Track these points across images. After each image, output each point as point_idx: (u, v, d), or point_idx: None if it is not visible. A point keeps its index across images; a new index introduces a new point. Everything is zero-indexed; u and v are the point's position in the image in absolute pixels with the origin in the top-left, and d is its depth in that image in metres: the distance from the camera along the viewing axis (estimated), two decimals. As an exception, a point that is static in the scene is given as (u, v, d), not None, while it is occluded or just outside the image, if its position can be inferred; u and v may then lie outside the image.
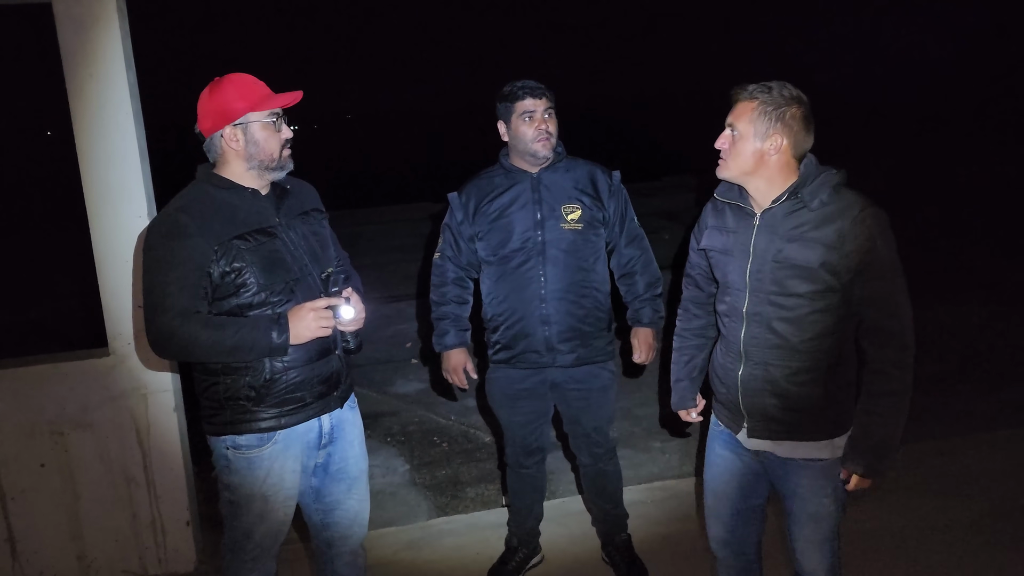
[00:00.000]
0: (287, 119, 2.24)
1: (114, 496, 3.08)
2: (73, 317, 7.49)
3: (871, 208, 1.97)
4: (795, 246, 1.99)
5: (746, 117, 2.00)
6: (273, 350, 2.11)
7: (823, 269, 1.97)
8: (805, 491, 2.12)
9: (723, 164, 2.06)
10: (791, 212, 2.01)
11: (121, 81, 2.87)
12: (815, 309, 2.01)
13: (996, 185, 12.14)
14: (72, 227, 4.43)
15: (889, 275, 1.96)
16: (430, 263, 2.94)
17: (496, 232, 2.75)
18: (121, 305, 2.99)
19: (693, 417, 2.44)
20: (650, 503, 3.56)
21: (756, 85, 2.02)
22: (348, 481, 2.39)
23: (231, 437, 2.21)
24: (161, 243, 2.10)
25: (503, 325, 2.82)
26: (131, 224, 2.94)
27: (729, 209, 2.16)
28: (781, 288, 2.02)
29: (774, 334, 2.05)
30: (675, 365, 2.44)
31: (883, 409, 1.99)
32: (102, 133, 2.89)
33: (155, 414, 3.07)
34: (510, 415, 2.92)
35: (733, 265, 2.12)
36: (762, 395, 2.10)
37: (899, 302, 1.97)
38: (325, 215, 2.41)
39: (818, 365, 2.04)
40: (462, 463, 4.41)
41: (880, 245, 1.95)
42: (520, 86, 2.69)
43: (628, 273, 2.87)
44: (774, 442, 2.13)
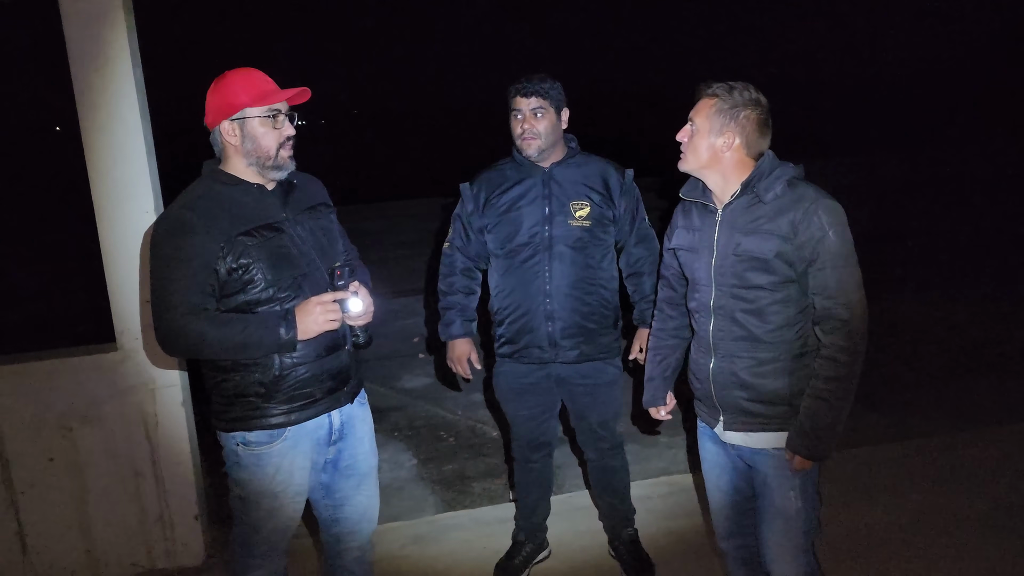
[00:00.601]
0: (296, 117, 2.22)
1: (122, 490, 3.09)
2: (80, 312, 7.52)
3: (824, 200, 2.02)
4: (752, 239, 2.05)
5: (704, 113, 2.07)
6: (281, 346, 2.11)
7: (779, 259, 2.02)
8: (772, 480, 2.15)
9: (683, 157, 2.13)
10: (748, 207, 2.07)
11: (128, 77, 2.88)
12: (775, 300, 2.06)
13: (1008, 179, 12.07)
14: (80, 222, 4.43)
15: (839, 264, 2.00)
16: (437, 258, 2.94)
17: (505, 225, 2.75)
18: (128, 301, 2.99)
19: (662, 415, 2.48)
20: (657, 498, 3.56)
21: (719, 83, 2.08)
22: (358, 477, 2.39)
23: (241, 433, 2.21)
24: (167, 241, 2.09)
25: (508, 319, 2.82)
26: (138, 220, 2.95)
27: (695, 208, 2.23)
28: (742, 281, 2.08)
29: (738, 326, 2.11)
30: (649, 364, 2.48)
31: (828, 394, 2.02)
32: (109, 129, 2.89)
33: (163, 409, 3.08)
34: (516, 409, 2.92)
35: (699, 262, 2.18)
36: (731, 387, 2.15)
37: (848, 291, 2.00)
38: (333, 209, 2.41)
39: (782, 356, 2.09)
40: (469, 458, 4.42)
41: (831, 235, 1.99)
42: (515, 83, 2.69)
43: (636, 273, 2.86)
44: (747, 434, 2.17)
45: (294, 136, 2.20)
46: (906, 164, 13.78)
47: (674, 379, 2.44)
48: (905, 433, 4.25)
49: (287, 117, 2.18)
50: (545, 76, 2.67)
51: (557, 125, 2.69)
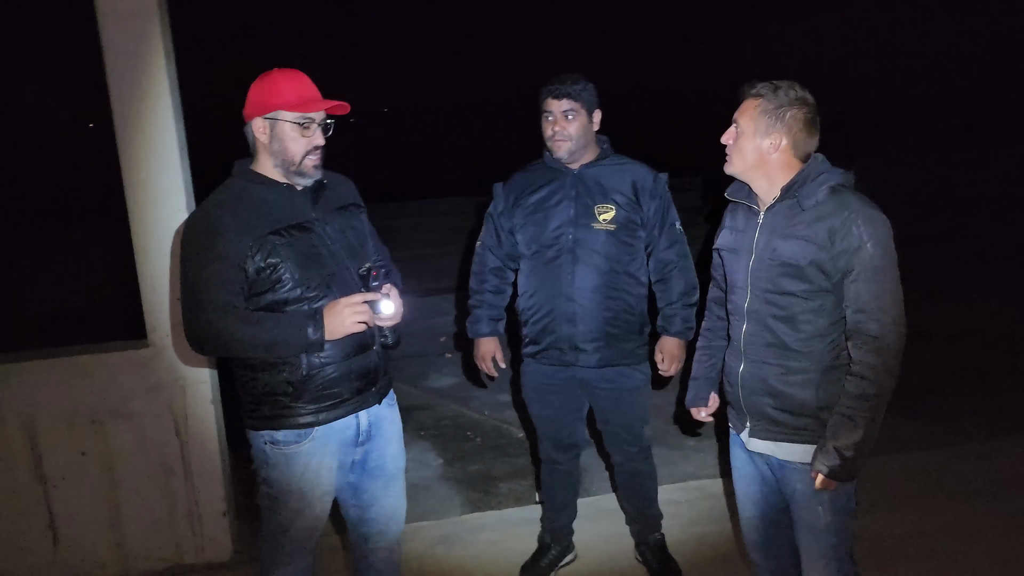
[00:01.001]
0: (331, 127, 2.21)
1: (152, 485, 3.12)
2: (110, 307, 7.63)
3: (866, 210, 1.95)
4: (787, 243, 2.00)
5: (748, 114, 2.02)
6: (309, 346, 2.11)
7: (813, 267, 1.97)
8: (800, 496, 2.10)
9: (728, 160, 2.09)
10: (790, 211, 2.03)
11: (161, 75, 2.90)
12: (808, 309, 2.01)
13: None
14: (112, 219, 4.47)
15: (875, 277, 1.93)
16: (466, 257, 2.94)
17: (531, 226, 2.74)
18: (160, 298, 3.02)
19: (703, 416, 2.44)
20: (684, 503, 3.52)
21: (764, 83, 2.03)
22: (385, 478, 2.39)
23: (269, 432, 2.22)
24: (197, 239, 2.11)
25: (531, 319, 2.81)
26: (170, 218, 2.97)
27: (740, 209, 2.19)
28: (775, 286, 2.04)
29: (769, 332, 2.07)
30: (695, 363, 2.45)
31: (854, 412, 1.96)
32: (142, 127, 2.92)
33: (193, 405, 3.10)
34: (539, 409, 2.91)
35: (738, 264, 2.15)
36: (759, 394, 2.10)
37: (883, 306, 1.94)
38: (363, 209, 2.40)
39: (812, 366, 2.03)
40: (495, 458, 4.41)
41: (869, 246, 1.92)
42: (547, 85, 2.67)
43: (663, 278, 2.82)
44: (774, 443, 2.12)
45: (323, 146, 2.19)
46: (940, 167, 13.54)
47: (718, 380, 2.40)
48: (936, 441, 4.17)
49: (321, 127, 2.18)
50: (578, 77, 2.65)
51: (588, 127, 2.67)
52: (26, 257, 10.51)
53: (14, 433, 2.98)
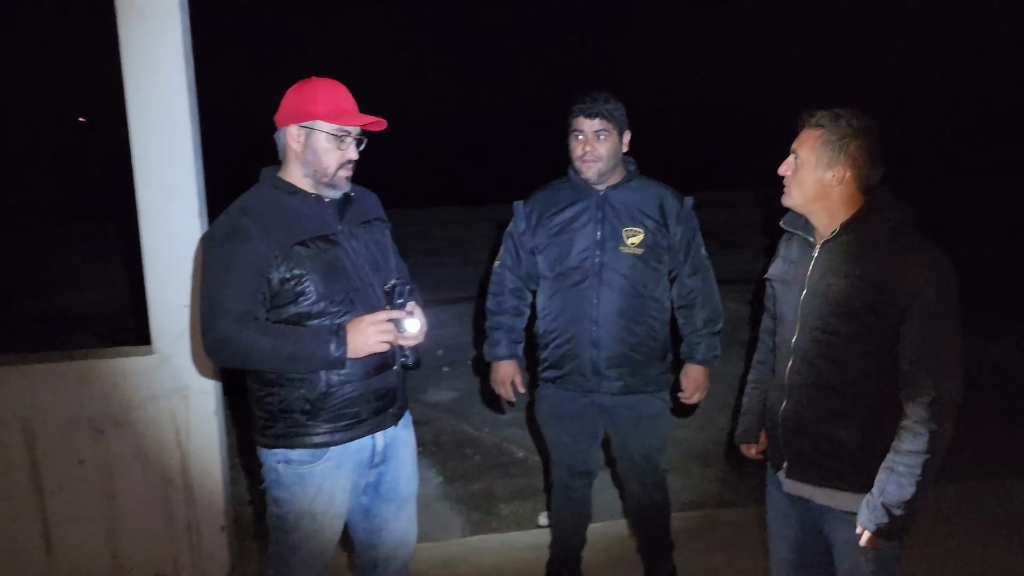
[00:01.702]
0: (364, 141, 2.17)
1: (151, 497, 3.03)
2: (106, 307, 7.51)
3: (929, 253, 1.85)
4: (843, 282, 1.91)
5: (808, 145, 1.94)
6: (331, 363, 2.04)
7: (866, 309, 1.87)
8: (842, 545, 2.01)
9: (786, 192, 2.01)
10: (847, 247, 1.93)
11: (180, 76, 2.83)
12: (857, 351, 1.92)
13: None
14: (111, 218, 4.36)
15: (933, 325, 1.83)
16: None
17: (555, 247, 2.68)
18: (167, 303, 2.94)
19: (752, 454, 2.36)
20: (693, 532, 3.46)
21: (824, 112, 1.94)
22: (398, 502, 2.32)
23: (283, 451, 2.15)
24: (221, 245, 2.05)
25: (552, 343, 2.74)
26: (182, 223, 2.90)
27: (796, 239, 2.11)
28: (825, 324, 1.95)
29: (815, 371, 1.98)
30: (746, 397, 2.37)
31: (903, 468, 1.84)
32: (157, 129, 2.85)
33: (195, 416, 3.02)
34: (558, 435, 2.84)
35: (789, 296, 2.07)
36: (799, 434, 2.03)
37: (939, 355, 1.83)
38: (388, 224, 2.35)
39: (857, 411, 1.95)
40: (495, 477, 4.33)
41: (930, 292, 1.82)
42: (578, 102, 2.61)
43: (688, 304, 2.76)
44: (813, 487, 2.04)
45: (355, 160, 2.15)
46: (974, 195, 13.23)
47: None
48: (949, 476, 4.11)
49: (356, 141, 2.13)
50: (609, 96, 2.60)
51: (619, 148, 2.62)
52: (20, 254, 10.35)
53: (12, 437, 2.89)
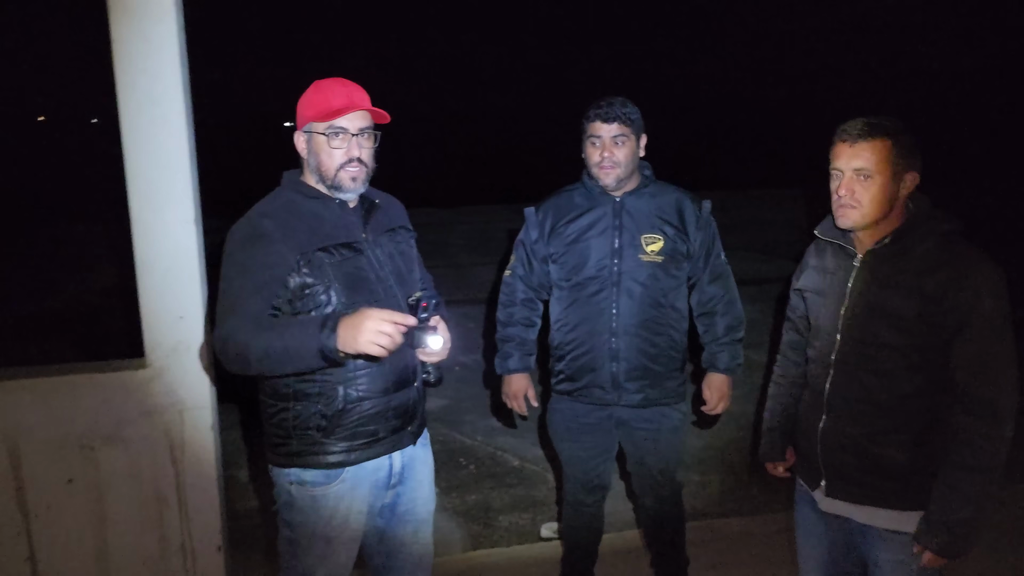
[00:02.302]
0: (377, 137, 2.07)
1: (143, 517, 2.89)
2: (92, 312, 7.27)
3: (983, 263, 1.82)
4: (893, 293, 1.85)
5: (882, 157, 1.84)
6: (325, 354, 1.80)
7: (920, 321, 1.82)
8: (884, 565, 1.96)
9: (846, 212, 1.89)
10: (894, 256, 1.88)
11: (175, 79, 2.70)
12: (908, 365, 1.86)
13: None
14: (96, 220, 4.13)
15: (990, 338, 1.80)
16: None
17: (572, 256, 2.59)
18: (161, 315, 2.81)
19: (779, 472, 2.30)
20: (700, 544, 3.39)
21: (874, 120, 1.86)
22: (415, 524, 2.23)
23: (296, 471, 2.05)
24: (240, 248, 1.95)
25: (569, 355, 2.65)
26: (176, 230, 2.77)
27: (830, 248, 2.04)
28: (873, 337, 1.88)
29: (860, 386, 1.91)
30: (768, 413, 2.30)
31: (965, 485, 1.81)
32: (151, 132, 2.71)
33: (191, 432, 2.89)
34: (572, 449, 2.75)
35: (826, 308, 1.99)
36: (841, 452, 1.96)
37: (998, 368, 1.80)
38: (413, 234, 2.26)
39: (906, 427, 1.89)
40: (492, 488, 4.24)
41: (987, 304, 1.78)
42: (595, 107, 2.53)
43: (708, 312, 2.69)
44: (853, 505, 1.98)
45: (359, 158, 2.03)
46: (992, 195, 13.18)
47: (793, 431, 2.25)
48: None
49: (360, 136, 2.03)
50: (626, 100, 2.52)
51: (636, 153, 2.54)
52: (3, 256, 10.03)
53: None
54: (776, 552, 3.35)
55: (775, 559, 3.30)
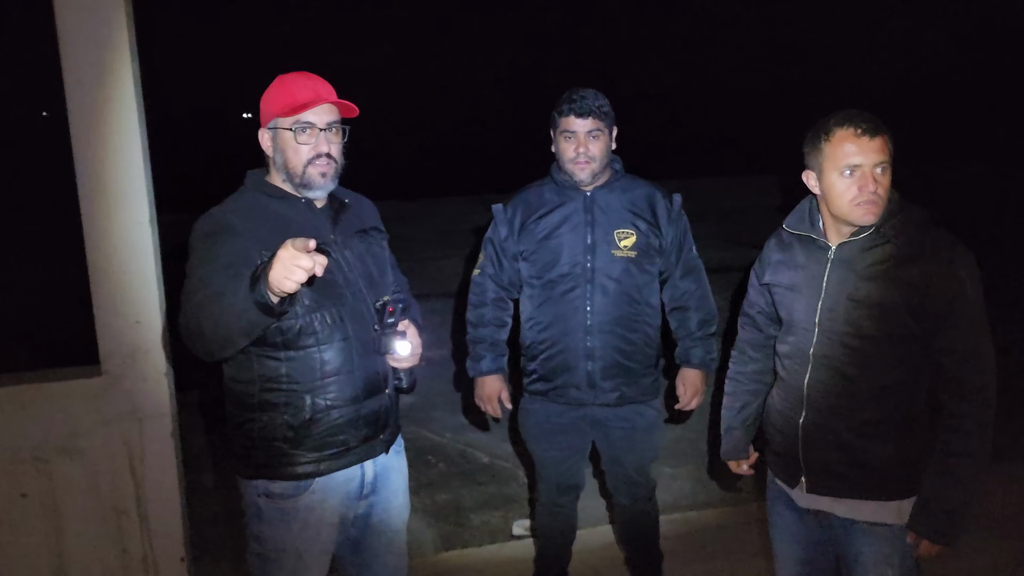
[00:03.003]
0: (346, 132, 1.99)
1: (103, 530, 2.79)
2: (39, 317, 7.03)
3: (961, 250, 1.82)
4: (874, 284, 1.84)
5: (888, 151, 1.82)
6: (256, 297, 1.61)
7: (905, 311, 1.81)
8: (866, 559, 1.95)
9: (876, 207, 1.83)
10: (871, 247, 1.86)
11: (126, 73, 2.59)
12: (892, 355, 1.86)
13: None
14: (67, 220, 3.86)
15: (976, 324, 1.81)
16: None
17: (543, 253, 2.53)
18: (116, 320, 2.70)
19: (744, 469, 2.28)
20: (673, 538, 3.37)
21: (866, 114, 1.83)
22: (390, 534, 2.16)
23: (264, 482, 1.97)
24: (202, 241, 1.86)
25: (542, 355, 2.60)
26: (131, 232, 2.66)
27: (797, 242, 2.00)
28: (856, 329, 1.86)
29: (844, 379, 1.90)
30: (727, 411, 2.27)
31: (960, 471, 1.83)
32: (102, 130, 2.60)
33: (150, 441, 2.78)
34: (545, 450, 2.70)
35: (800, 303, 1.96)
36: (825, 447, 1.94)
37: (983, 353, 1.82)
38: (385, 236, 2.18)
39: (889, 418, 1.89)
40: (462, 486, 4.19)
41: (970, 291, 1.80)
42: (567, 100, 2.46)
43: (681, 307, 2.66)
44: (834, 500, 1.97)
45: (328, 153, 1.95)
46: None
47: (755, 429, 2.24)
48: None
49: (329, 131, 1.95)
50: (597, 92, 2.46)
51: (609, 147, 2.49)
52: None
53: (-58, 473, 2.61)
54: (749, 543, 3.35)
55: (748, 550, 3.30)
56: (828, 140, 1.83)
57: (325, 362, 1.93)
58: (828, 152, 1.83)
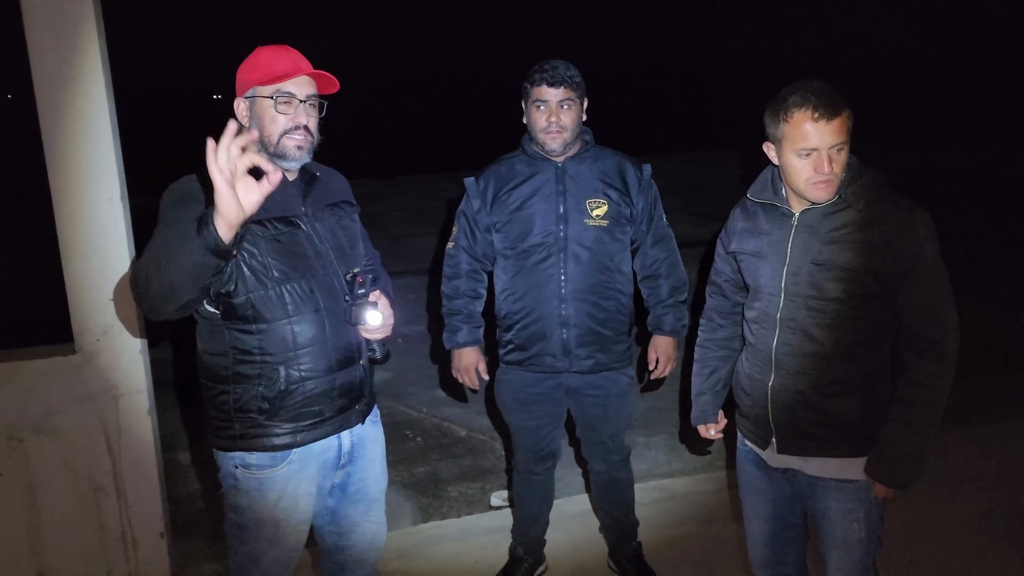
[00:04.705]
0: (323, 106, 1.99)
1: (80, 507, 2.79)
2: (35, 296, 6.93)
3: (919, 211, 1.88)
4: (837, 248, 1.89)
5: (846, 129, 1.85)
6: (204, 237, 1.61)
7: (868, 272, 1.87)
8: (834, 514, 2.03)
9: (831, 186, 1.87)
10: (832, 212, 1.91)
11: (92, 48, 2.56)
12: (855, 315, 1.92)
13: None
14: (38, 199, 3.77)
15: (934, 282, 1.88)
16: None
17: (516, 224, 2.56)
18: (89, 297, 2.68)
19: (712, 434, 2.33)
20: (648, 504, 3.44)
21: (820, 87, 1.84)
22: (367, 502, 2.18)
23: (240, 454, 1.98)
24: (171, 207, 1.86)
25: (518, 324, 2.63)
26: (101, 208, 2.64)
27: (761, 210, 2.05)
28: (820, 292, 1.92)
29: (810, 341, 1.95)
30: (696, 378, 2.31)
31: (914, 420, 1.90)
32: (70, 106, 2.57)
33: (126, 417, 2.78)
34: (521, 420, 2.74)
35: (766, 268, 2.01)
36: (794, 408, 2.00)
37: (941, 310, 1.89)
38: (356, 209, 2.18)
39: (855, 376, 1.96)
40: (440, 459, 4.23)
41: (928, 250, 1.86)
42: (539, 71, 2.47)
43: (652, 275, 2.70)
44: (803, 458, 2.03)
45: (306, 126, 1.95)
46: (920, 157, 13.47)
47: (724, 394, 2.28)
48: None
49: (308, 104, 1.95)
50: (568, 63, 2.48)
51: (581, 117, 2.51)
52: None
53: (-85, 454, 2.60)
54: (722, 508, 3.43)
55: (721, 515, 3.38)
56: (786, 121, 1.85)
57: (297, 334, 1.94)
58: (786, 132, 1.86)
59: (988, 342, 5.57)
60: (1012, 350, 5.58)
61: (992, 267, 7.59)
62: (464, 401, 4.80)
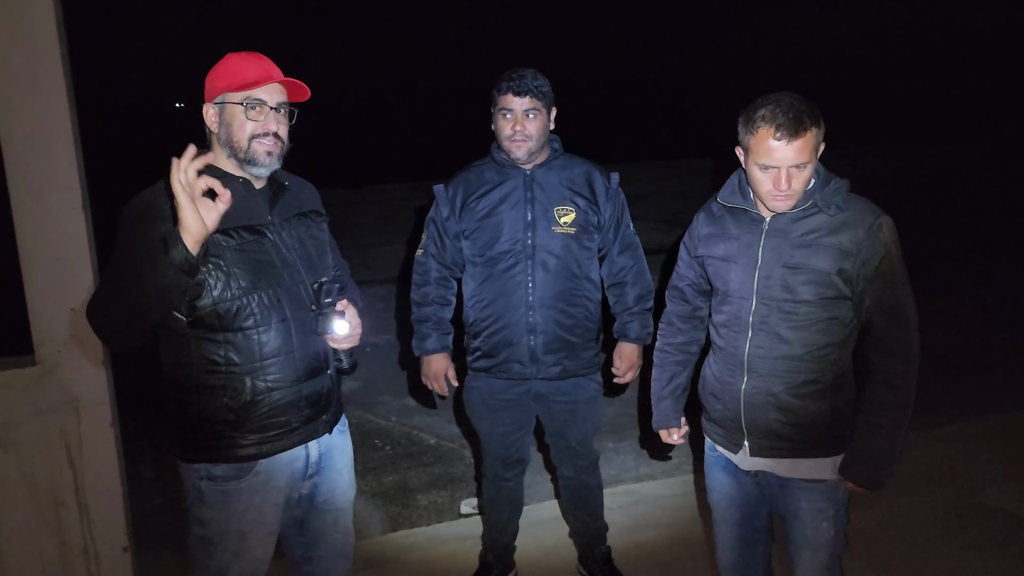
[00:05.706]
0: (294, 114, 1.99)
1: (41, 522, 2.73)
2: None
3: (884, 216, 1.94)
4: (809, 251, 1.94)
5: (811, 146, 1.87)
6: (170, 251, 1.65)
7: (838, 276, 1.92)
8: (804, 514, 2.06)
9: (788, 201, 1.91)
10: (804, 217, 1.96)
11: (53, 53, 2.52)
12: (826, 317, 1.96)
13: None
14: None
15: (899, 285, 1.93)
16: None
17: (484, 231, 2.56)
18: (50, 308, 2.64)
19: (675, 439, 2.34)
20: (617, 509, 3.45)
21: (792, 102, 1.85)
22: (335, 513, 2.17)
23: (205, 466, 1.95)
24: (129, 225, 1.84)
25: (485, 331, 2.63)
26: (63, 217, 2.61)
27: (729, 214, 2.08)
28: (792, 294, 1.96)
29: (783, 343, 1.99)
30: (656, 383, 2.33)
31: (886, 421, 1.95)
32: (30, 112, 2.53)
33: (88, 430, 2.74)
34: (490, 426, 2.74)
35: (736, 272, 2.04)
36: (766, 410, 2.02)
37: (907, 313, 1.94)
38: (325, 219, 2.17)
39: (825, 377, 2.00)
40: (409, 468, 4.22)
41: (893, 253, 1.92)
42: (506, 79, 2.49)
43: (619, 283, 2.71)
44: (775, 460, 2.06)
45: (276, 133, 1.93)
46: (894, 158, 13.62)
47: (685, 398, 2.30)
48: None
49: (278, 111, 1.94)
50: (536, 72, 2.49)
51: (547, 126, 2.53)
52: None
53: None
54: (690, 511, 3.46)
55: (689, 517, 3.41)
56: (752, 134, 1.88)
57: (264, 343, 1.93)
58: (751, 144, 1.90)
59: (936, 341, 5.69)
60: (964, 351, 5.69)
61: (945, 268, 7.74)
62: (433, 408, 4.79)
